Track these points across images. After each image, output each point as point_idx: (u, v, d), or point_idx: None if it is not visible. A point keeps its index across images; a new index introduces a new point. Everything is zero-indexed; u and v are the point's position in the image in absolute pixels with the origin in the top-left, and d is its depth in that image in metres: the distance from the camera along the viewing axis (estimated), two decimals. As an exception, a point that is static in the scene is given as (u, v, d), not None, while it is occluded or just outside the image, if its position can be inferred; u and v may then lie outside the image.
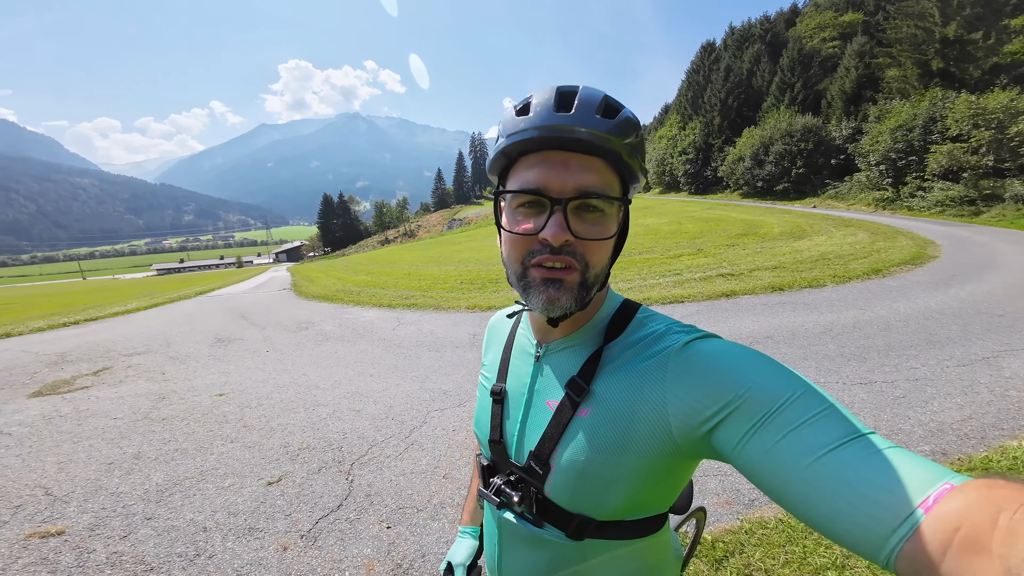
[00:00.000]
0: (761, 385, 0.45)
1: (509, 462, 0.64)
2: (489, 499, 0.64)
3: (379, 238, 76.56)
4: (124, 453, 3.28)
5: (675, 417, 0.50)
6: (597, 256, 0.55)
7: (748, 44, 43.71)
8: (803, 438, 0.40)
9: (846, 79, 30.37)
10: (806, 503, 0.39)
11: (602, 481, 0.55)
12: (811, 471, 0.39)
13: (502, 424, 0.67)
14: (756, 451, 0.43)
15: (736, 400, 0.45)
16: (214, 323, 8.61)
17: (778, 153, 30.09)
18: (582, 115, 0.52)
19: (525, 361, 0.67)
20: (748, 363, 0.48)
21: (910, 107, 21.60)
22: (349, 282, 14.13)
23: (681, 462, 0.53)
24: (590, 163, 0.53)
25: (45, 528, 2.42)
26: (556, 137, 0.52)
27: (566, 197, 0.52)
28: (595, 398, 0.56)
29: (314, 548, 2.15)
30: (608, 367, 0.57)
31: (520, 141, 0.54)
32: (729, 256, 10.67)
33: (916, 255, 8.93)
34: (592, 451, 0.55)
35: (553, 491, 0.58)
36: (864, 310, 5.60)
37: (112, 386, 4.95)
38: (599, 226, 0.54)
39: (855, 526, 0.35)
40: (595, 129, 0.51)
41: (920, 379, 3.52)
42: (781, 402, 0.43)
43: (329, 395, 4.19)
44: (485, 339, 0.83)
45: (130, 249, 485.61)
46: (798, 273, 8.02)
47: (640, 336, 0.58)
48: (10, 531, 2.41)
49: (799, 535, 1.97)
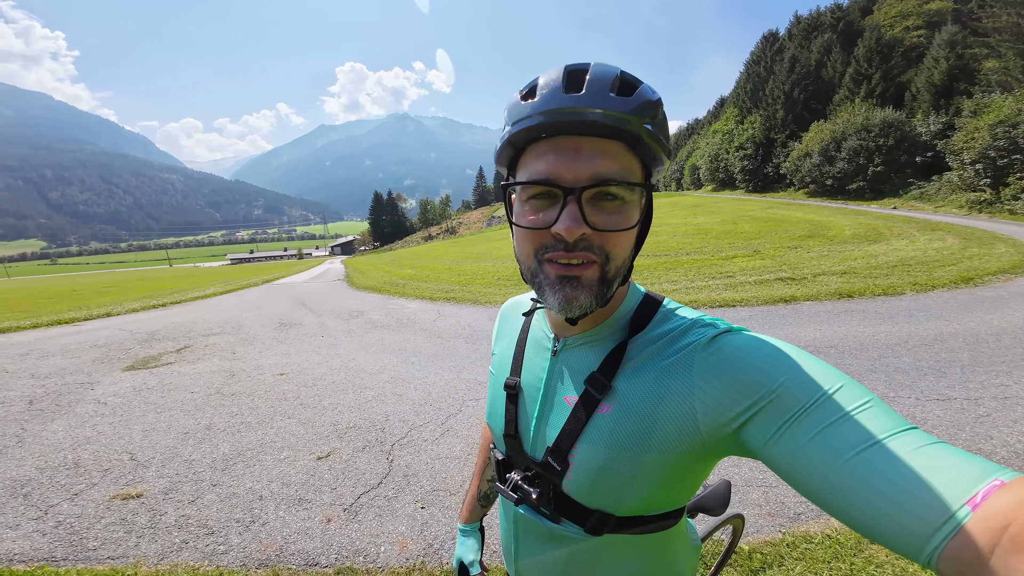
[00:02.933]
0: (795, 379, 0.43)
1: (525, 457, 0.63)
2: (506, 495, 0.63)
3: (423, 234, 78.95)
4: (198, 424, 3.63)
5: (703, 414, 0.48)
6: (618, 248, 0.50)
7: (817, 33, 40.37)
8: (841, 433, 0.38)
9: (935, 70, 27.16)
10: (842, 500, 0.37)
11: (623, 478, 0.53)
12: (848, 467, 0.37)
13: (517, 419, 0.66)
14: (789, 447, 0.41)
15: (768, 395, 0.43)
16: (278, 309, 9.33)
17: (852, 149, 27.50)
18: (594, 95, 0.47)
19: (541, 355, 0.65)
20: (780, 357, 0.45)
21: (1014, 101, 18.95)
22: (395, 275, 14.73)
23: (706, 458, 0.52)
24: (606, 147, 0.48)
25: (127, 491, 2.67)
26: (567, 121, 0.47)
27: (580, 186, 0.47)
28: (617, 395, 0.54)
29: (355, 522, 2.29)
30: (631, 363, 0.55)
31: (526, 129, 0.49)
32: (790, 259, 9.95)
33: (1018, 263, 7.84)
34: (613, 448, 0.53)
35: (572, 487, 0.57)
36: (949, 321, 5.02)
37: (191, 363, 5.51)
38: (619, 215, 0.49)
39: (895, 524, 0.34)
40: (610, 109, 0.46)
41: (1010, 397, 3.12)
42: (817, 396, 0.41)
43: (375, 379, 4.41)
44: (496, 326, 0.80)
45: (208, 240, 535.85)
46: (871, 279, 7.32)
47: (664, 331, 0.55)
48: (98, 492, 2.68)
49: (847, 552, 1.83)
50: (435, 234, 75.02)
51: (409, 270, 16.28)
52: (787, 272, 8.41)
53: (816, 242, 12.04)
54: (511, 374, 0.68)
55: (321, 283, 14.89)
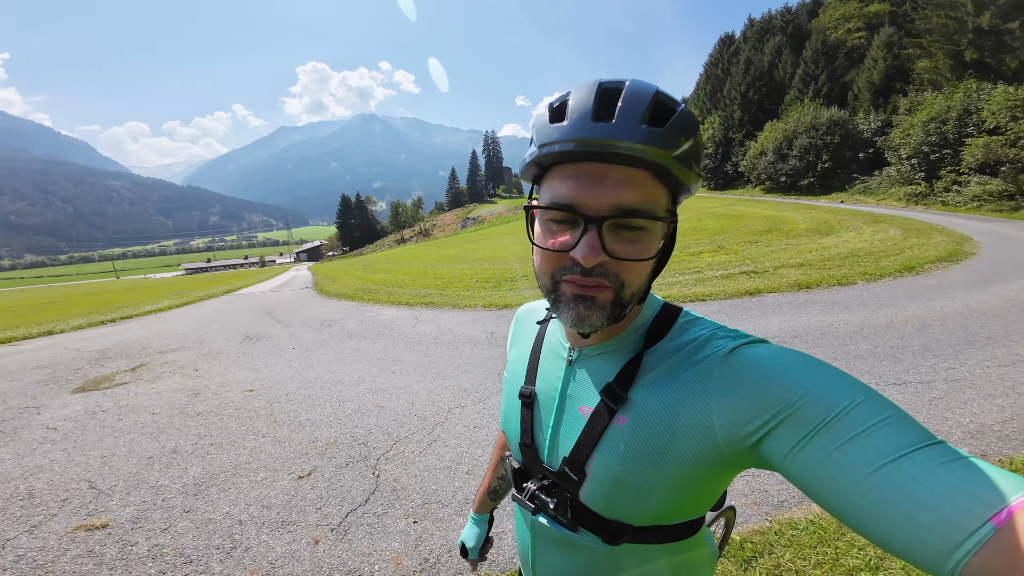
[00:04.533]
0: (816, 391, 0.42)
1: (541, 466, 0.63)
2: (524, 504, 0.63)
3: (395, 237, 77.59)
4: (163, 447, 3.41)
5: (721, 427, 0.47)
6: (634, 276, 0.51)
7: (769, 36, 42.62)
8: (863, 447, 0.38)
9: (874, 71, 29.27)
10: (863, 515, 0.37)
11: (640, 489, 0.53)
12: (869, 482, 0.36)
13: (532, 428, 0.66)
14: (809, 461, 0.40)
15: (788, 408, 0.42)
16: (242, 321, 8.89)
17: (802, 147, 29.20)
18: (624, 126, 0.46)
19: (556, 364, 0.65)
20: (801, 368, 0.45)
21: (943, 99, 20.66)
22: (368, 281, 14.38)
23: (724, 470, 0.52)
24: (632, 176, 0.48)
25: (90, 521, 2.50)
26: (592, 152, 0.47)
27: (601, 215, 0.47)
28: (633, 406, 0.54)
29: (344, 541, 2.21)
30: (648, 375, 0.55)
31: (551, 154, 0.49)
32: (752, 253, 10.43)
33: (953, 252, 8.54)
34: (630, 460, 0.53)
35: (588, 498, 0.57)
36: (898, 309, 5.40)
37: (149, 382, 5.16)
38: (638, 245, 0.49)
39: (916, 540, 0.33)
40: (639, 142, 0.45)
41: (959, 380, 3.39)
42: (839, 409, 0.40)
43: (353, 391, 4.28)
44: (511, 331, 0.81)
45: (160, 249, 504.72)
46: (826, 271, 7.78)
47: (682, 342, 0.55)
48: (58, 524, 2.50)
49: (831, 536, 1.93)
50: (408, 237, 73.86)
51: (382, 275, 15.93)
52: (750, 266, 8.81)
53: (774, 236, 12.68)
54: (526, 382, 0.69)
55: (288, 292, 14.32)
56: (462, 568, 1.99)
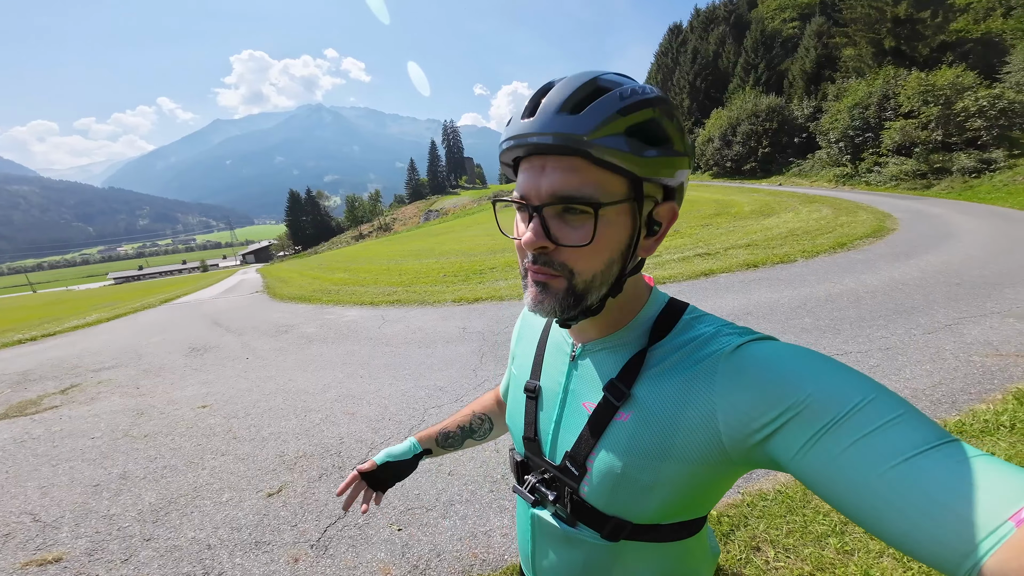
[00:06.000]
0: (825, 389, 0.42)
1: (543, 460, 0.64)
2: (524, 496, 0.64)
3: (353, 234, 74.63)
4: (109, 474, 3.14)
5: (726, 425, 0.47)
6: (581, 263, 0.50)
7: (713, 26, 44.24)
8: (875, 446, 0.37)
9: (806, 59, 31.25)
10: (877, 515, 0.36)
11: (640, 486, 0.53)
12: (883, 481, 0.36)
13: (536, 421, 0.67)
14: (819, 460, 0.40)
15: (797, 406, 0.42)
16: (186, 331, 8.26)
17: (745, 133, 30.80)
18: (542, 118, 0.49)
19: (560, 359, 0.66)
20: (809, 365, 0.44)
21: (865, 85, 22.43)
22: (326, 281, 13.77)
23: (728, 470, 0.51)
24: (571, 164, 0.48)
25: (41, 555, 2.33)
26: (527, 144, 0.49)
27: (542, 203, 0.50)
28: (636, 403, 0.54)
29: (326, 557, 2.13)
30: (651, 371, 0.54)
31: (504, 152, 0.54)
32: (704, 236, 10.96)
33: (877, 228, 9.39)
34: (630, 457, 0.53)
35: (589, 493, 0.57)
36: (834, 283, 5.88)
37: (84, 404, 4.70)
38: (581, 231, 0.49)
39: (933, 540, 0.33)
40: (555, 131, 0.47)
41: (891, 348, 3.74)
42: (849, 407, 0.40)
43: (320, 400, 4.10)
44: (517, 327, 0.82)
45: (82, 258, 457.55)
46: (770, 250, 8.31)
47: (687, 338, 0.54)
48: (5, 560, 2.32)
49: (798, 505, 2.08)
50: (367, 232, 71.16)
51: (342, 274, 15.28)
52: (703, 248, 9.26)
53: (723, 219, 13.37)
54: (531, 377, 0.70)
55: (236, 297, 13.44)
56: (452, 572, 1.97)
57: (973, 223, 9.48)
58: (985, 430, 2.52)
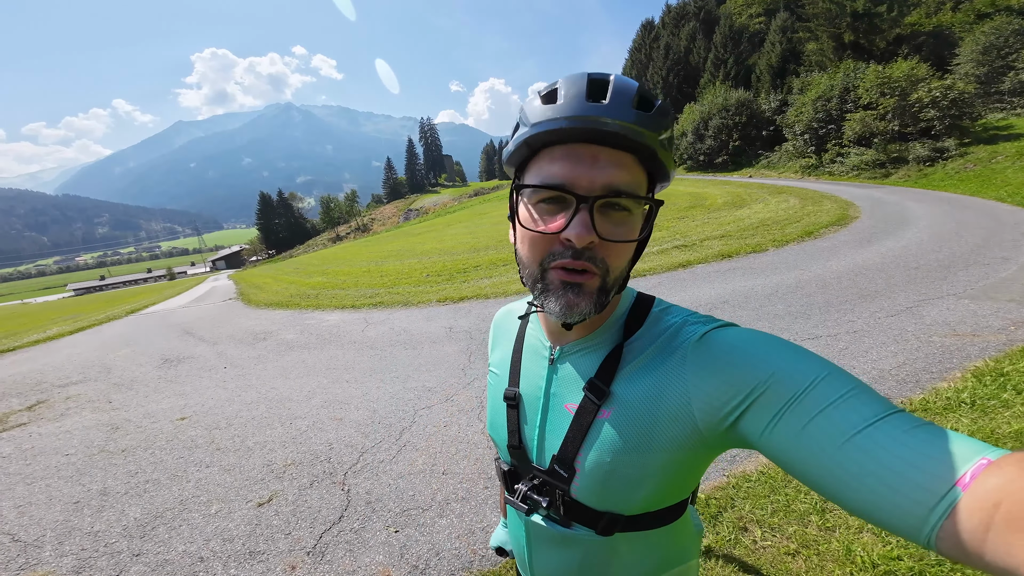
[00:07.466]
0: (785, 369, 0.44)
1: (531, 466, 0.64)
2: (516, 506, 0.64)
3: (329, 235, 72.86)
4: (88, 490, 3.03)
5: (700, 411, 0.49)
6: (619, 260, 0.52)
7: (684, 22, 45.04)
8: (832, 419, 0.39)
9: (772, 54, 32.24)
10: (840, 486, 0.38)
11: (629, 480, 0.55)
12: (842, 453, 0.38)
13: (520, 429, 0.66)
14: (784, 436, 0.42)
15: (760, 387, 0.44)
16: (157, 343, 7.95)
17: (716, 127, 31.59)
18: (617, 106, 0.48)
19: (538, 364, 0.66)
20: (769, 349, 0.47)
21: (827, 78, 23.30)
22: (304, 285, 13.47)
23: (706, 453, 0.53)
24: (620, 159, 0.49)
25: (26, 575, 2.26)
26: (588, 129, 0.48)
27: (594, 195, 0.48)
28: (616, 399, 0.55)
29: (323, 563, 2.12)
30: (628, 366, 0.56)
31: (547, 132, 0.50)
32: (681, 228, 11.23)
33: (840, 216, 9.82)
34: (617, 452, 0.54)
35: (580, 492, 0.58)
36: (803, 271, 6.14)
37: (53, 420, 4.50)
38: (624, 227, 0.51)
39: (893, 507, 0.35)
40: (630, 122, 0.47)
41: (858, 331, 3.95)
42: (806, 385, 0.42)
43: (305, 407, 4.04)
44: (491, 335, 0.81)
45: (37, 270, 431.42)
46: (743, 240, 8.60)
47: (657, 331, 0.56)
48: None
49: (780, 484, 2.19)
50: (344, 234, 69.45)
51: (320, 277, 14.95)
52: (680, 240, 9.49)
53: (698, 211, 13.73)
54: (510, 384, 0.69)
55: (208, 305, 13.00)
56: (453, 570, 2.00)
57: (926, 209, 10.00)
58: (948, 407, 2.66)
